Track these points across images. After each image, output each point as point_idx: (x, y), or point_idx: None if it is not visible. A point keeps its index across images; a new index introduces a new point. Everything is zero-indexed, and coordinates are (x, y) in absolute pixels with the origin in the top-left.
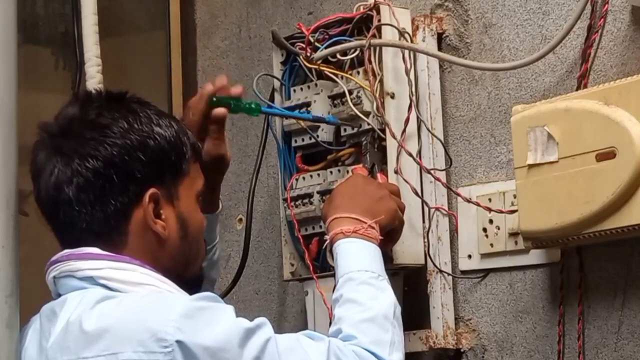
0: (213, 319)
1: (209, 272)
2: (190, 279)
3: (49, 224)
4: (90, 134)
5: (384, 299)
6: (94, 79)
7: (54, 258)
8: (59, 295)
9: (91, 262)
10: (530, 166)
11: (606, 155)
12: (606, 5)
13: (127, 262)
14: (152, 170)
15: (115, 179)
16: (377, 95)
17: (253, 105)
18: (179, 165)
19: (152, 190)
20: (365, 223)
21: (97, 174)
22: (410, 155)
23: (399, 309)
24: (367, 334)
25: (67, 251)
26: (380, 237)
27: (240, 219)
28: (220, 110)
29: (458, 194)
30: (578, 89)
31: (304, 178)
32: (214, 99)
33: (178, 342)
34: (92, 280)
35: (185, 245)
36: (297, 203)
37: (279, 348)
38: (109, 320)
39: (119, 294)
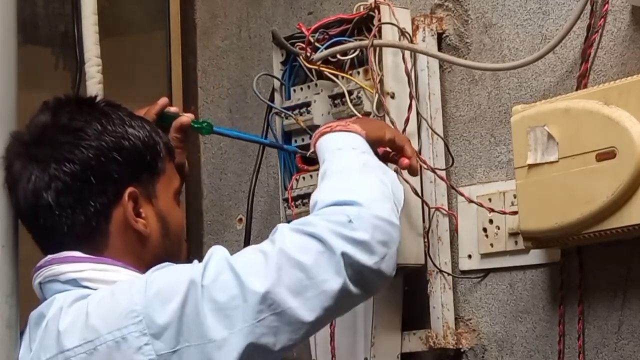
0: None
1: None
2: None
3: (30, 231)
4: (65, 138)
5: (347, 156)
6: (94, 79)
7: (38, 264)
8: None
9: (74, 265)
10: (530, 166)
11: (606, 155)
12: (606, 5)
13: (109, 264)
14: (128, 170)
15: (93, 181)
16: (379, 94)
17: (204, 124)
18: (155, 164)
19: (130, 189)
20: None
21: (74, 177)
22: (414, 152)
23: (368, 162)
24: (328, 190)
25: (50, 256)
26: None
27: (240, 219)
28: (184, 119)
29: (461, 194)
30: (578, 89)
31: (303, 178)
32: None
33: (145, 312)
34: (75, 282)
35: (167, 243)
36: (296, 203)
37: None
38: (84, 314)
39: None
